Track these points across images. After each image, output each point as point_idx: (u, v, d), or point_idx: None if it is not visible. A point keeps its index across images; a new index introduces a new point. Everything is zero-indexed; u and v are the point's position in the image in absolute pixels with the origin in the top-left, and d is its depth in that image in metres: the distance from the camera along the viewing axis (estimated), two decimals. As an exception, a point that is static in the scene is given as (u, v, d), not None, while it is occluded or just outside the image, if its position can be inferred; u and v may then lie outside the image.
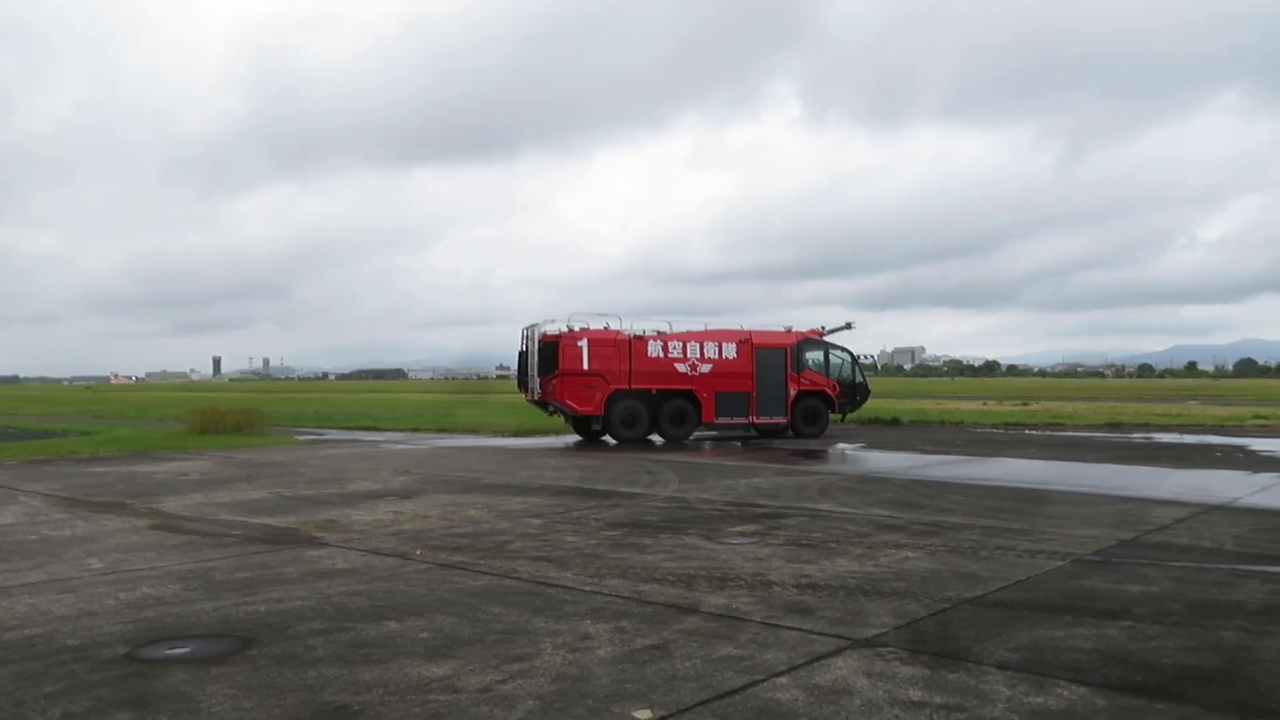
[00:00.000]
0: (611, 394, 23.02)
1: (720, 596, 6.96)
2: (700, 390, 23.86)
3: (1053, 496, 12.94)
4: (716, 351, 24.15)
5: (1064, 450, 21.04)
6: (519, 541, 9.31)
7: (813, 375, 25.49)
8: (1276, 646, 5.69)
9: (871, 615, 6.39)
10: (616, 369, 23.10)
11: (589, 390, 22.90)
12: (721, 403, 24.04)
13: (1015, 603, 6.79)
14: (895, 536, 9.54)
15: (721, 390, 24.05)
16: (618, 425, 23.27)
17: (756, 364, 24.50)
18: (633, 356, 23.31)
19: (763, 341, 24.88)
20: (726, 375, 24.16)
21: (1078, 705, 4.69)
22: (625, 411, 23.28)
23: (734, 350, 24.35)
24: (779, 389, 24.70)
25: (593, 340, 23.05)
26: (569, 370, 22.77)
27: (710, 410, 23.94)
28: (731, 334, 24.65)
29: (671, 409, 23.64)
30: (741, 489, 13.69)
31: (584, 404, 22.95)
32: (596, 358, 22.95)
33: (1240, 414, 35.72)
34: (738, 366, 24.33)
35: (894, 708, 4.64)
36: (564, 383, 22.79)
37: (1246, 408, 41.38)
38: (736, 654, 5.52)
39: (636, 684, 4.99)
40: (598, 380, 22.94)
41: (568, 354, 22.77)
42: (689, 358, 23.85)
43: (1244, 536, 9.63)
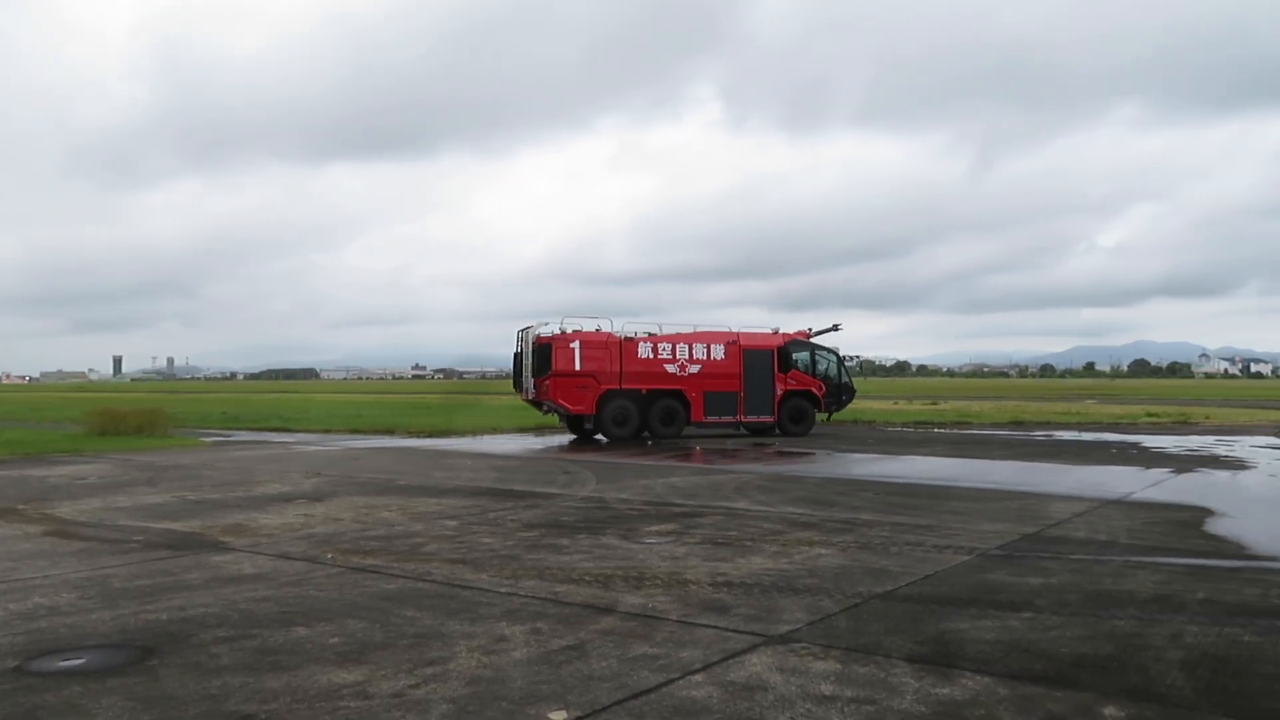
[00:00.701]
0: (603, 394, 23.72)
1: (637, 596, 6.97)
2: (689, 390, 24.54)
3: (960, 493, 13.32)
4: (705, 353, 24.84)
5: (971, 448, 21.69)
6: (434, 544, 9.18)
7: (799, 375, 26.13)
8: (1166, 634, 5.96)
9: (785, 612, 6.49)
10: (608, 370, 23.78)
11: (581, 390, 23.60)
12: (710, 402, 24.71)
13: (923, 597, 6.97)
14: (809, 534, 9.70)
15: (710, 390, 24.72)
16: (609, 424, 23.88)
17: (744, 365, 25.13)
18: (623, 358, 23.99)
19: (750, 343, 25.55)
20: (715, 376, 24.82)
21: (981, 695, 4.84)
22: (616, 411, 23.93)
23: (722, 351, 25.04)
24: (766, 389, 25.35)
25: (584, 342, 23.76)
26: (562, 371, 23.47)
27: (699, 409, 24.62)
28: (719, 336, 25.36)
29: (661, 408, 24.31)
30: (659, 488, 13.75)
31: (576, 403, 23.68)
32: (588, 359, 23.63)
33: (1134, 412, 37.36)
34: (725, 367, 24.98)
35: (806, 702, 4.71)
36: (557, 383, 23.48)
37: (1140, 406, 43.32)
38: (653, 653, 5.53)
39: (552, 685, 4.97)
40: (589, 380, 23.63)
41: (560, 355, 23.49)
42: (678, 359, 24.55)
43: (1136, 529, 10.06)
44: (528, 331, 24.64)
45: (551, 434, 27.10)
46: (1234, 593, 7.13)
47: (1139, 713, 4.60)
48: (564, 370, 23.53)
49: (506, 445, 23.04)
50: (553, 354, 23.55)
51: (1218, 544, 9.30)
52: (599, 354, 23.83)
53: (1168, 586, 7.32)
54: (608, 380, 23.78)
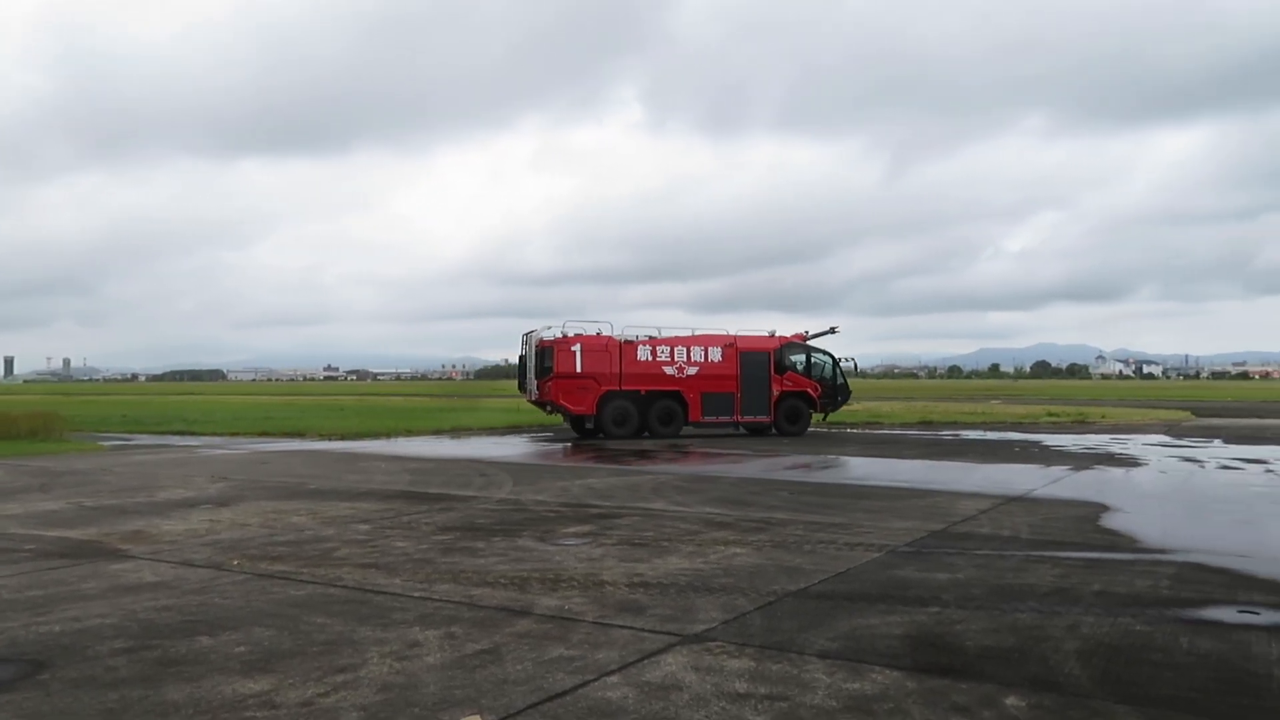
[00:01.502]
0: (603, 395, 24.62)
1: (553, 598, 6.94)
2: (687, 391, 25.35)
3: (871, 491, 13.62)
4: (702, 355, 25.65)
5: (882, 447, 22.20)
6: (345, 548, 8.99)
7: (795, 377, 26.74)
8: (1063, 625, 6.19)
9: (701, 611, 6.54)
10: (607, 372, 24.66)
11: (582, 391, 24.52)
12: (707, 403, 25.49)
13: (835, 594, 7.10)
14: (725, 534, 9.80)
15: (707, 391, 25.50)
16: (609, 424, 24.69)
17: (741, 367, 25.83)
18: (623, 360, 24.86)
19: (747, 346, 26.27)
20: (712, 377, 25.58)
21: (891, 688, 4.95)
22: (616, 411, 24.77)
23: (719, 354, 25.79)
24: (762, 390, 25.99)
25: (585, 345, 24.69)
26: (563, 373, 24.39)
27: (696, 410, 25.42)
28: (717, 339, 26.14)
29: (660, 409, 25.14)
30: (576, 490, 13.72)
31: (577, 404, 24.62)
32: (589, 361, 24.55)
33: (1035, 412, 38.72)
34: (723, 369, 25.70)
35: (721, 700, 4.76)
36: (559, 385, 24.43)
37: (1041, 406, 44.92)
38: (568, 655, 5.52)
39: (466, 689, 4.91)
40: (590, 382, 24.53)
41: (562, 358, 24.45)
42: (676, 361, 25.37)
43: (1037, 525, 10.43)
44: (531, 335, 25.65)
45: (468, 436, 26.82)
46: (1126, 584, 7.45)
47: (1039, 701, 4.76)
48: (565, 372, 24.38)
49: (422, 448, 22.70)
50: (554, 357, 24.49)
51: (1112, 538, 9.70)
52: (599, 357, 24.69)
53: (1066, 580, 7.60)
54: (608, 382, 24.65)
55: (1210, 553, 8.81)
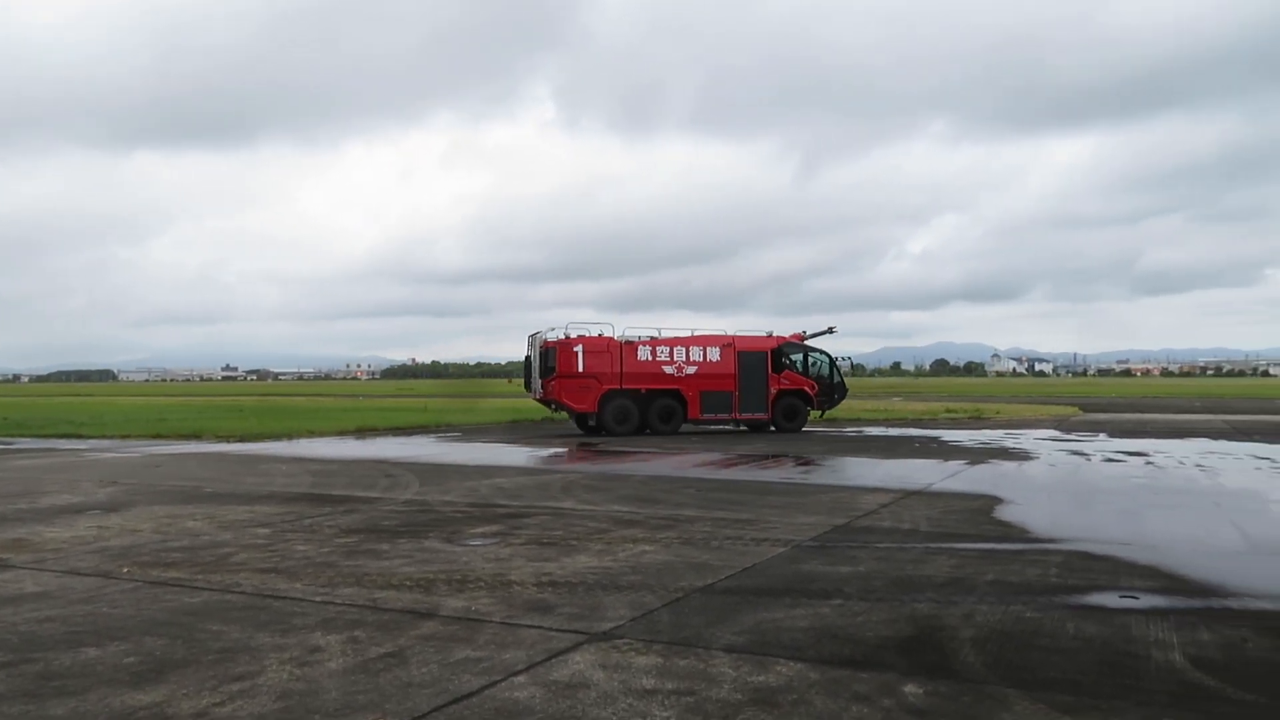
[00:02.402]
0: (605, 393, 25.51)
1: (460, 599, 6.86)
2: (686, 390, 26.11)
3: (777, 488, 13.85)
4: (701, 355, 26.42)
5: (787, 444, 22.59)
6: (243, 553, 8.71)
7: (792, 375, 27.37)
8: (959, 614, 6.40)
9: (609, 609, 6.55)
10: (609, 371, 25.59)
11: (584, 390, 25.47)
12: (706, 401, 26.21)
13: (742, 589, 7.20)
14: (633, 531, 9.84)
15: (706, 390, 26.23)
16: (610, 421, 25.52)
17: (739, 366, 26.51)
18: (623, 360, 25.76)
19: (745, 345, 27.00)
20: (711, 376, 26.31)
21: (795, 680, 5.04)
22: (617, 409, 25.62)
23: (717, 354, 26.53)
24: (760, 388, 26.65)
25: (587, 346, 25.67)
26: (566, 372, 25.42)
27: (695, 408, 26.16)
28: (716, 339, 26.94)
29: (660, 407, 25.97)
30: (484, 489, 13.58)
31: (580, 402, 25.64)
32: (590, 361, 25.50)
33: (935, 409, 39.93)
34: (721, 368, 26.43)
35: (628, 697, 4.77)
36: (562, 384, 25.49)
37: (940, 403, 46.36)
38: (475, 656, 5.46)
39: (370, 694, 4.82)
40: (592, 381, 25.46)
41: (565, 358, 25.48)
42: (675, 360, 26.20)
43: (935, 518, 10.76)
44: (536, 336, 26.76)
45: (374, 436, 26.29)
46: (1018, 574, 7.74)
47: (935, 689, 4.92)
48: (568, 372, 25.41)
49: (325, 449, 22.16)
50: (558, 357, 25.53)
51: (1005, 529, 10.08)
52: (600, 357, 25.61)
53: (961, 570, 7.86)
54: (609, 381, 25.54)
55: (1095, 541, 9.22)
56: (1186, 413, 38.57)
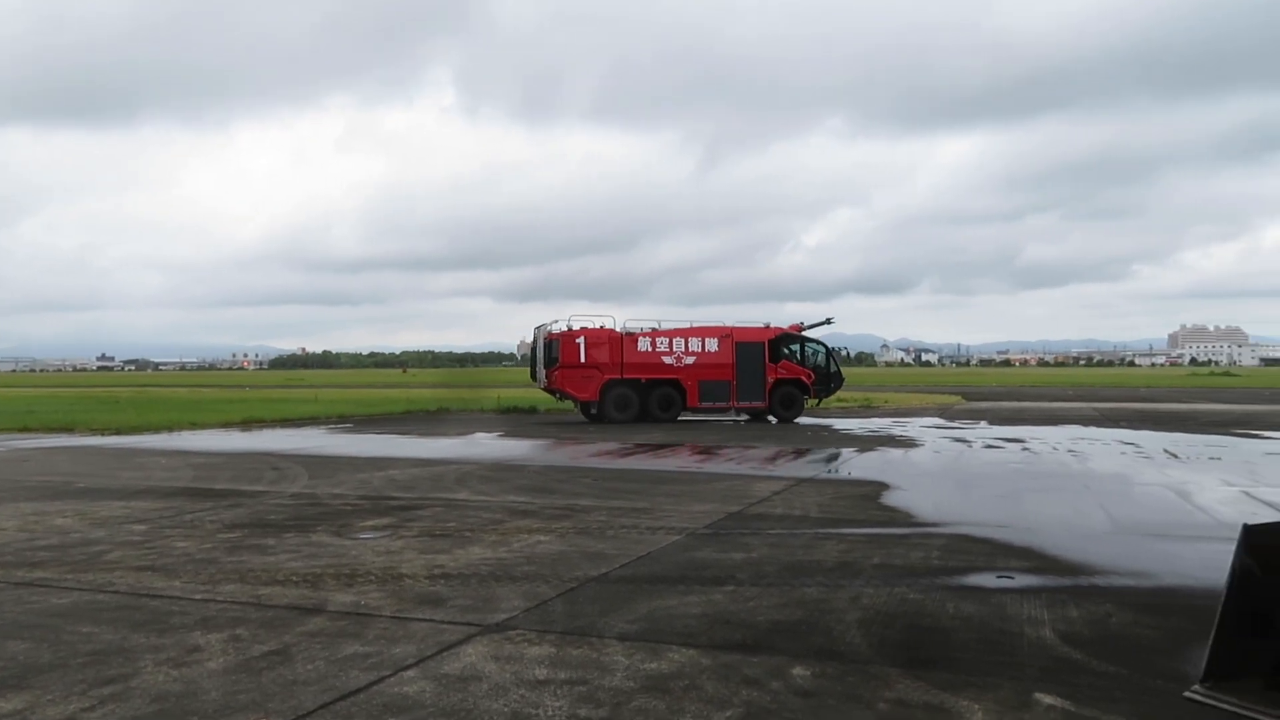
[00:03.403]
0: (606, 383, 26.62)
1: (349, 594, 6.70)
2: (685, 379, 27.06)
3: (673, 476, 13.98)
4: (700, 345, 27.34)
5: (684, 433, 22.82)
6: (118, 551, 8.32)
7: (789, 365, 28.23)
8: (846, 597, 6.58)
9: (503, 600, 6.50)
10: (610, 361, 26.70)
11: (586, 380, 26.60)
12: (705, 390, 27.15)
13: (636, 577, 7.24)
14: (528, 522, 9.78)
15: (704, 379, 27.17)
16: (611, 409, 26.59)
17: (736, 356, 27.37)
18: (624, 351, 26.80)
19: (743, 336, 27.77)
20: (709, 366, 27.24)
21: (687, 666, 5.10)
22: (618, 398, 26.69)
23: (716, 344, 27.42)
24: (757, 378, 27.49)
25: (589, 337, 26.78)
26: (569, 363, 26.54)
27: (694, 396, 27.07)
28: (714, 330, 27.78)
29: (659, 395, 26.96)
30: (376, 481, 13.30)
31: (582, 391, 26.72)
32: (592, 352, 26.61)
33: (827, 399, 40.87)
34: (719, 358, 27.34)
35: (520, 688, 4.75)
36: (565, 374, 26.61)
37: (832, 393, 47.46)
38: (363, 651, 5.35)
39: (252, 694, 4.66)
40: (594, 371, 26.63)
41: (567, 349, 26.58)
42: (674, 351, 27.16)
43: (825, 504, 11.04)
44: (540, 329, 27.78)
45: (261, 428, 25.45)
46: (902, 556, 8.00)
47: (823, 670, 5.04)
48: (570, 362, 26.52)
49: (209, 441, 21.34)
50: (561, 348, 26.58)
51: (891, 514, 10.40)
52: (602, 348, 26.70)
53: (849, 554, 8.08)
54: (610, 371, 26.65)
55: (975, 525, 9.61)
56: (1060, 401, 40.52)
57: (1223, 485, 12.74)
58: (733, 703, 4.57)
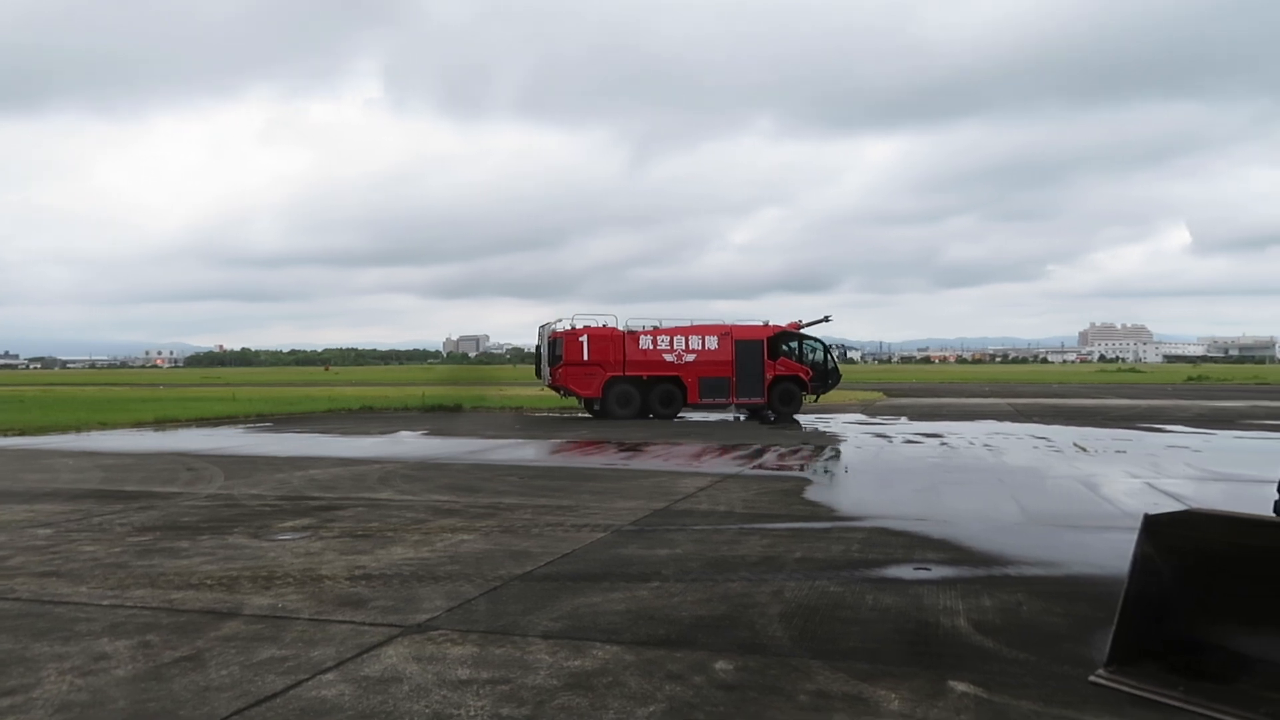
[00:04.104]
0: (608, 380, 27.24)
1: (266, 597, 6.55)
2: (686, 376, 27.62)
3: (599, 473, 13.98)
4: (700, 343, 27.92)
5: (611, 430, 22.83)
6: (20, 556, 7.99)
7: (788, 362, 28.76)
8: (769, 591, 6.66)
9: (425, 600, 6.42)
10: (612, 359, 27.32)
11: (589, 377, 27.25)
12: (705, 387, 27.71)
13: (561, 575, 7.22)
14: (452, 520, 9.68)
15: (705, 376, 27.71)
16: (613, 406, 27.20)
17: (736, 353, 27.92)
18: (626, 349, 27.44)
19: (742, 334, 28.31)
20: (709, 363, 27.79)
21: (610, 663, 5.11)
22: (620, 395, 27.28)
23: (715, 342, 27.96)
24: (756, 374, 28.00)
25: (592, 335, 27.46)
26: (572, 361, 27.19)
27: (694, 393, 27.63)
28: (714, 328, 28.35)
29: (660, 392, 27.51)
30: (296, 481, 13.02)
31: (585, 388, 27.45)
32: (595, 350, 27.26)
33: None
34: (719, 356, 27.89)
35: (442, 689, 4.70)
36: (568, 371, 27.25)
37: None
38: (280, 655, 5.23)
39: (162, 701, 4.53)
40: (596, 369, 27.24)
41: (571, 347, 27.29)
42: (675, 349, 27.78)
43: (750, 499, 11.16)
44: (545, 327, 28.69)
45: (175, 428, 24.69)
46: (824, 550, 8.14)
47: (745, 664, 5.10)
48: (574, 360, 27.16)
49: (120, 442, 20.62)
50: (564, 346, 27.31)
51: (814, 509, 10.57)
52: (604, 346, 27.35)
53: (772, 549, 8.19)
54: (612, 368, 27.27)
55: (894, 518, 9.82)
56: (977, 397, 41.66)
57: (1128, 477, 13.25)
58: (656, 698, 4.59)
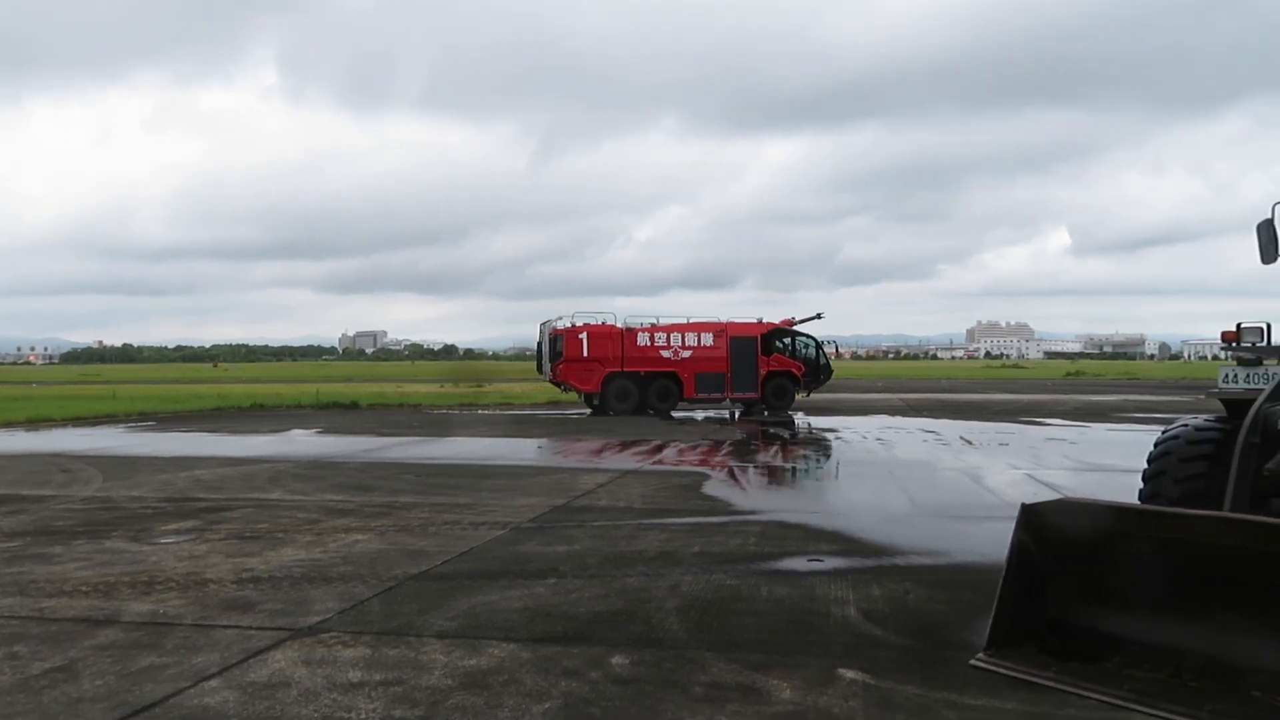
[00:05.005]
0: (607, 375, 28.04)
1: (146, 603, 6.29)
2: (682, 372, 28.43)
3: (498, 471, 13.86)
4: (696, 340, 28.74)
5: (511, 427, 22.69)
6: (-127, 566, 7.47)
7: (781, 358, 29.51)
8: (666, 585, 6.72)
9: (316, 602, 6.26)
10: (611, 355, 28.14)
11: (589, 373, 28.12)
12: (700, 382, 28.46)
13: (458, 574, 7.14)
14: (346, 520, 9.47)
15: (700, 372, 28.48)
16: (612, 400, 27.90)
17: (731, 349, 28.64)
18: (624, 345, 28.24)
19: (737, 331, 29.08)
20: (705, 359, 28.57)
21: (506, 661, 5.07)
22: (618, 390, 28.00)
23: (711, 338, 28.74)
24: (750, 370, 28.72)
25: (591, 333, 28.37)
26: (572, 357, 28.14)
27: (690, 388, 28.42)
28: (709, 326, 29.21)
29: (658, 387, 28.29)
30: (180, 482, 12.52)
31: (585, 384, 28.35)
32: (595, 347, 28.15)
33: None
34: (714, 352, 28.66)
35: (332, 692, 4.59)
36: (568, 367, 28.22)
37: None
38: (161, 663, 5.03)
39: (31, 715, 4.30)
40: (596, 365, 28.10)
41: (571, 344, 28.23)
42: (672, 345, 28.59)
43: (649, 495, 11.23)
44: (546, 325, 29.52)
45: (50, 428, 23.44)
46: (721, 544, 8.25)
47: (641, 658, 5.13)
48: (574, 356, 28.08)
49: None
50: (565, 343, 28.22)
51: (712, 503, 10.70)
52: (603, 342, 28.20)
53: (670, 544, 8.26)
54: (611, 364, 28.06)
55: (790, 511, 10.03)
56: (871, 392, 42.82)
57: (1009, 469, 13.83)
58: (551, 695, 4.58)
